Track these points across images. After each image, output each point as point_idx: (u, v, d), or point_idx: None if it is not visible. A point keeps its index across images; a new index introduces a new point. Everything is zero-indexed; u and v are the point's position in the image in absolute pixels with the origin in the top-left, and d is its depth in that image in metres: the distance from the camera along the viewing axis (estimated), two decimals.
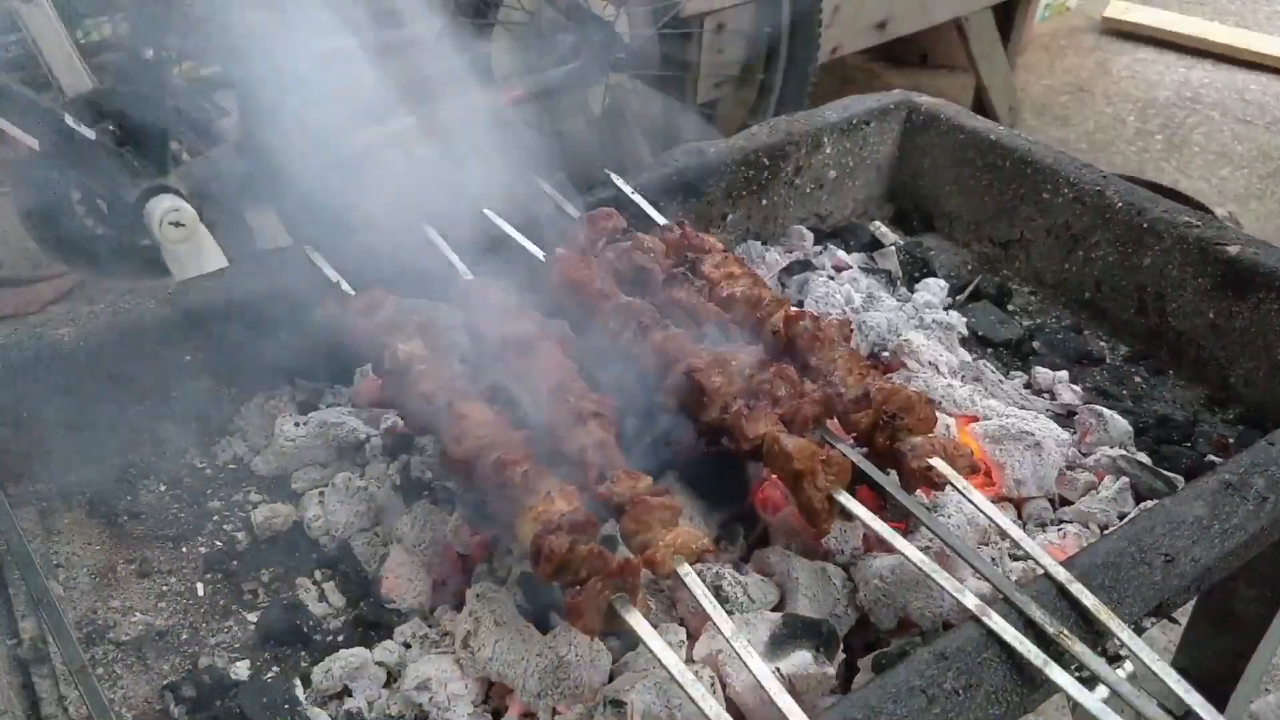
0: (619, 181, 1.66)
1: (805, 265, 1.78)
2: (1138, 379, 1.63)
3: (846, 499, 1.15)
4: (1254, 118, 4.65)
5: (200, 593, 1.26)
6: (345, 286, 1.42)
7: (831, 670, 1.09)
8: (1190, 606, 1.58)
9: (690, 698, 0.95)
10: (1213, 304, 1.58)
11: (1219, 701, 1.62)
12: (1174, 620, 1.28)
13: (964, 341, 1.66)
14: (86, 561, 1.28)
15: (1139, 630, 1.08)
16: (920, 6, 3.83)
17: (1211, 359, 1.60)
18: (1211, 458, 1.46)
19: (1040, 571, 1.09)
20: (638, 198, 1.63)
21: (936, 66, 4.84)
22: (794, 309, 1.39)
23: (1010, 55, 4.47)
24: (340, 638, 1.21)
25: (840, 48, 3.67)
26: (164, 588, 1.26)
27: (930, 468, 1.18)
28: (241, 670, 1.16)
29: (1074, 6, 5.64)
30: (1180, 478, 1.40)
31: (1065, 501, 1.39)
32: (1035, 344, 1.69)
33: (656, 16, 3.09)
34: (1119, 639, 1.02)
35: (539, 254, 1.49)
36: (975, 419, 1.44)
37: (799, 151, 1.86)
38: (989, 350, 1.68)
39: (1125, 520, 1.30)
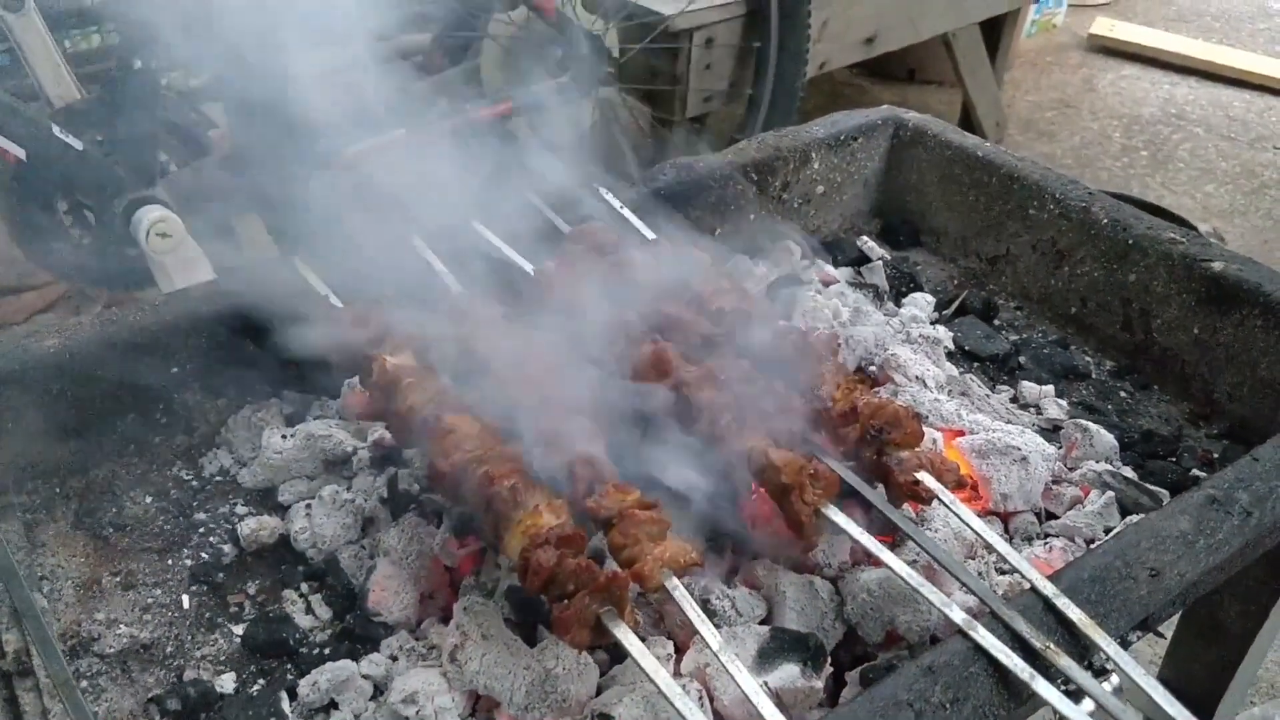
0: (608, 196, 1.66)
1: (793, 280, 1.78)
2: (1123, 394, 1.64)
3: (834, 513, 1.15)
4: (1238, 134, 4.69)
5: (186, 605, 1.25)
6: (334, 299, 1.42)
7: (819, 684, 1.09)
8: (1175, 620, 1.59)
9: (678, 711, 0.95)
10: (1197, 320, 1.60)
11: (1204, 716, 1.63)
12: (1160, 634, 1.29)
13: (950, 356, 1.67)
14: (71, 574, 1.27)
15: (1125, 644, 1.08)
16: (908, 22, 3.85)
17: (1196, 374, 1.61)
18: (1196, 472, 1.47)
19: (1027, 585, 1.10)
20: (626, 212, 1.63)
21: (924, 82, 4.87)
22: (782, 323, 1.40)
23: (997, 71, 4.50)
24: (326, 651, 1.20)
25: (829, 63, 3.68)
26: (149, 600, 1.25)
27: (917, 482, 1.19)
28: (227, 683, 1.15)
29: (1060, 23, 5.69)
30: (1165, 492, 1.41)
31: (1051, 515, 1.40)
32: (1021, 359, 1.70)
33: (645, 31, 3.10)
34: (1105, 653, 1.02)
35: (528, 267, 1.49)
36: (962, 433, 1.45)
37: (787, 167, 1.87)
38: (975, 365, 1.69)
39: (1111, 534, 1.31)
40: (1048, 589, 1.07)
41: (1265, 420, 1.52)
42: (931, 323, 1.73)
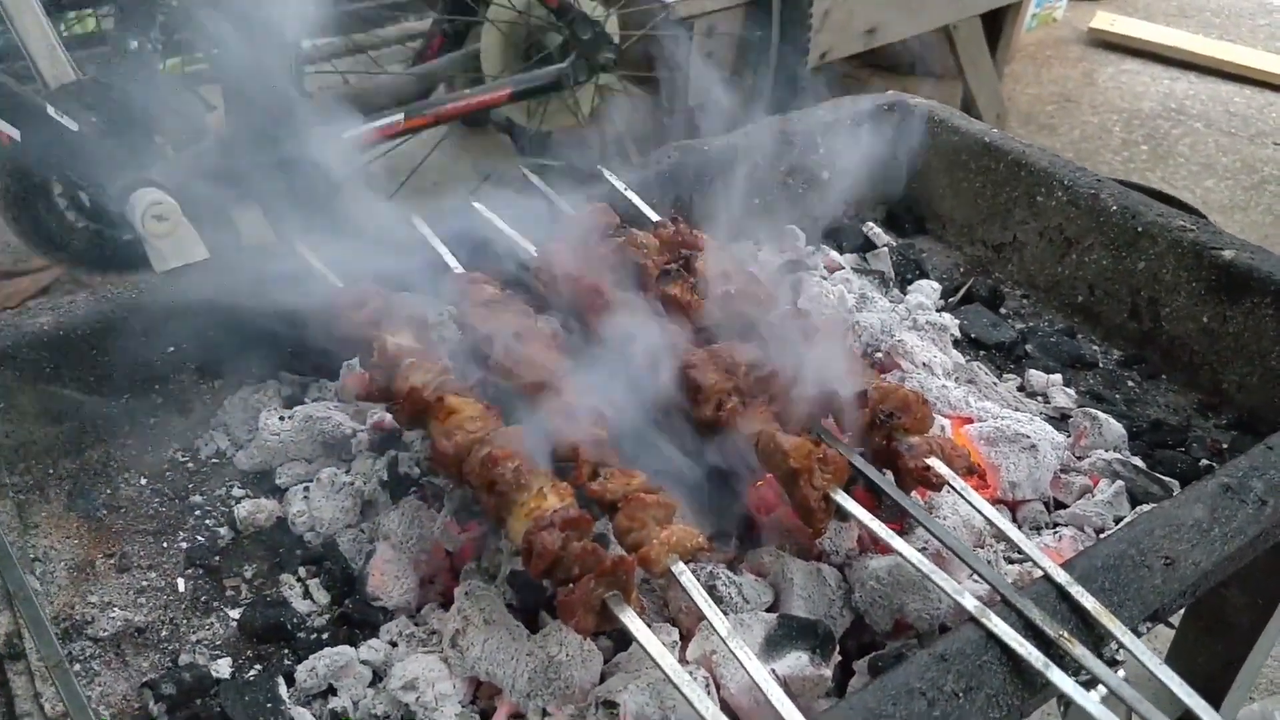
0: (612, 177, 1.64)
1: (798, 265, 1.76)
2: (1130, 383, 1.62)
3: (843, 498, 1.13)
4: (1238, 130, 4.68)
5: (181, 588, 1.23)
6: (333, 278, 1.40)
7: (828, 672, 1.07)
8: (1180, 614, 1.58)
9: (686, 698, 0.93)
10: (1206, 308, 1.58)
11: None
12: (1170, 625, 1.27)
13: (957, 344, 1.65)
14: (64, 555, 1.25)
15: (1136, 634, 1.06)
16: (909, 14, 3.83)
17: (1205, 364, 1.59)
18: (1205, 462, 1.45)
19: (1039, 574, 1.08)
20: (631, 194, 1.61)
21: (924, 74, 4.85)
22: (788, 307, 1.38)
23: (998, 64, 4.48)
24: (325, 635, 1.18)
25: (829, 53, 3.66)
26: (144, 583, 1.23)
27: (928, 468, 1.17)
28: (223, 668, 1.13)
29: (1060, 17, 5.67)
30: (1175, 482, 1.39)
31: (1060, 505, 1.38)
32: (1028, 347, 1.68)
33: (647, 18, 3.08)
34: (1120, 642, 1.00)
35: (529, 248, 1.47)
36: (970, 420, 1.43)
37: (792, 151, 1.84)
38: (981, 353, 1.67)
39: (1123, 523, 1.29)
40: (1061, 577, 1.05)
41: (1275, 411, 1.50)
42: (937, 310, 1.71)
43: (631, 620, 1.00)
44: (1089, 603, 1.03)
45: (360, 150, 2.41)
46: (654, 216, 1.57)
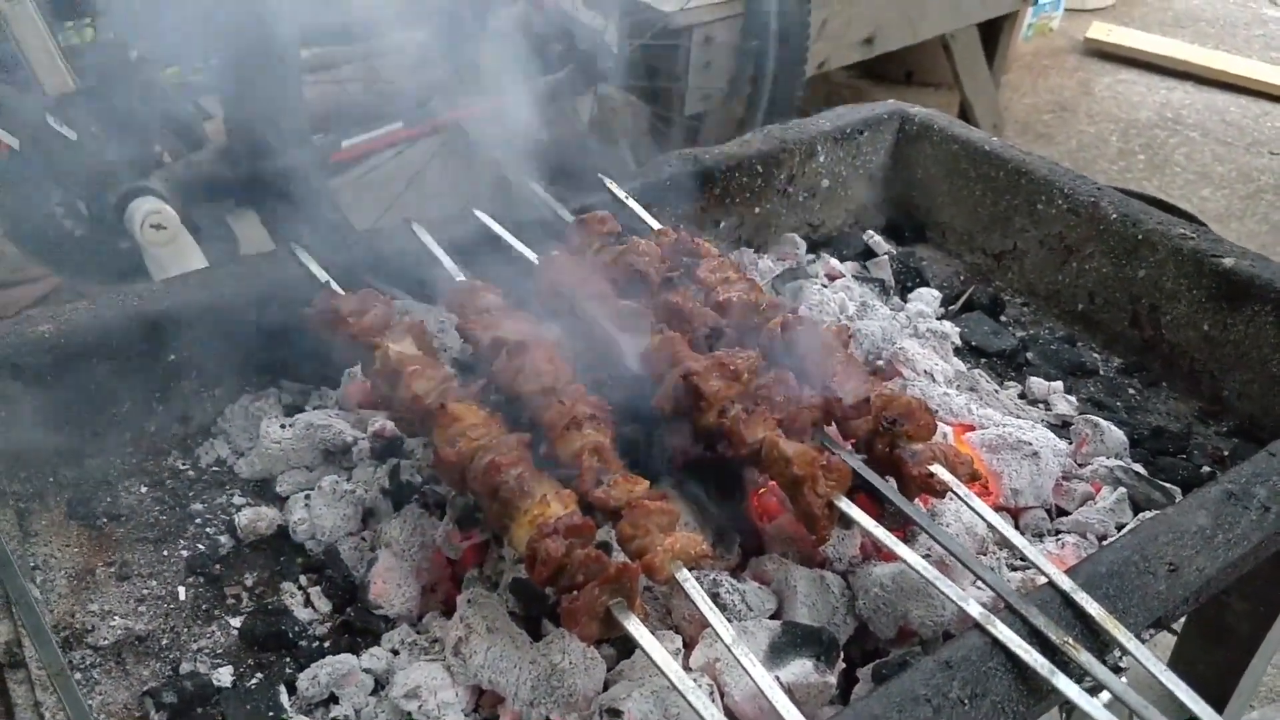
0: (612, 185, 1.64)
1: (798, 273, 1.76)
2: (1131, 391, 1.62)
3: (847, 505, 1.13)
4: (1234, 139, 4.69)
5: (182, 597, 1.22)
6: (334, 286, 1.40)
7: (832, 679, 1.07)
8: (1181, 622, 1.57)
9: (691, 706, 0.93)
10: (1207, 316, 1.58)
11: None
12: (1173, 631, 1.27)
13: (957, 351, 1.65)
14: (65, 564, 1.24)
15: (1140, 640, 1.06)
16: (907, 23, 3.84)
17: (1205, 371, 1.59)
18: (1207, 469, 1.45)
19: (1042, 580, 1.08)
20: (631, 202, 1.61)
21: (921, 84, 4.86)
22: (790, 314, 1.37)
23: (994, 74, 4.50)
24: (326, 644, 1.18)
25: (827, 62, 3.68)
26: (144, 591, 1.23)
27: (931, 474, 1.17)
28: (224, 676, 1.13)
29: (1057, 27, 5.69)
30: (1177, 489, 1.39)
31: (1062, 512, 1.38)
32: (1029, 355, 1.68)
33: (645, 28, 3.08)
34: (1125, 648, 1.00)
35: (531, 256, 1.47)
36: (972, 428, 1.43)
37: (793, 159, 1.84)
38: (982, 360, 1.67)
39: (1125, 530, 1.29)
40: (1065, 583, 1.05)
41: (1275, 418, 1.50)
42: (938, 318, 1.71)
43: (635, 627, 0.99)
44: (1093, 609, 1.03)
45: (359, 159, 2.41)
46: (655, 224, 1.57)
